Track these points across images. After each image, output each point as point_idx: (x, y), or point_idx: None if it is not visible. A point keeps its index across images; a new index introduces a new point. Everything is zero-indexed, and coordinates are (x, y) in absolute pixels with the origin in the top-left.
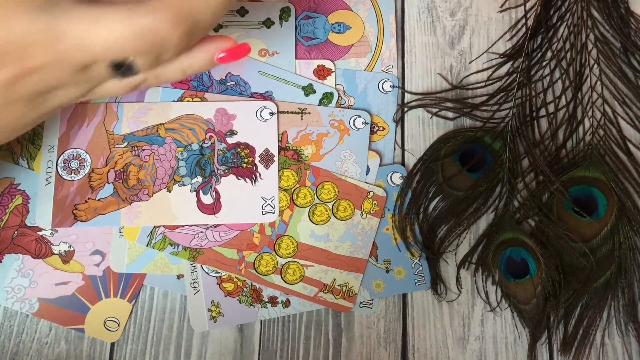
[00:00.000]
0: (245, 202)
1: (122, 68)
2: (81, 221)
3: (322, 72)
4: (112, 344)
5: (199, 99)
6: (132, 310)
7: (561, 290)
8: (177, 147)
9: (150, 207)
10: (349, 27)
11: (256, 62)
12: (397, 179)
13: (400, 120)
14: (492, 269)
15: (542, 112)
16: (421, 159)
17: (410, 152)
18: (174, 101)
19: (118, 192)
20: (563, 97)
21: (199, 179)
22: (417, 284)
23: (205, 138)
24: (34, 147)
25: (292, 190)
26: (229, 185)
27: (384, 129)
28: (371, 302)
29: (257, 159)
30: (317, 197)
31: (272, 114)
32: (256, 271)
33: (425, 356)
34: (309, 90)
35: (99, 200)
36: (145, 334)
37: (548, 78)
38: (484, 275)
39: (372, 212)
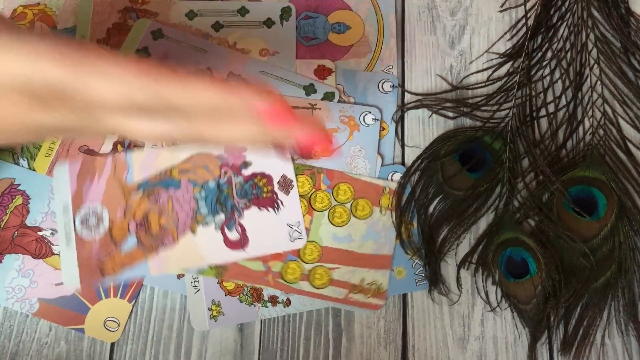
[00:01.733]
0: (272, 231)
1: None
2: (109, 276)
3: (322, 72)
4: (112, 344)
5: None
6: (132, 310)
7: (561, 290)
8: (194, 187)
9: (177, 252)
10: (349, 27)
11: (258, 62)
12: (398, 179)
13: (400, 120)
14: (492, 269)
15: (542, 112)
16: (420, 157)
17: (415, 146)
18: None
19: (142, 242)
20: (563, 97)
21: (222, 216)
22: (417, 284)
23: (221, 174)
24: (34, 147)
25: (309, 195)
26: (253, 218)
27: (384, 129)
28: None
29: (276, 186)
30: (335, 199)
31: None
32: (284, 280)
33: (425, 356)
34: (310, 90)
35: (124, 254)
36: (145, 334)
37: (548, 78)
38: (484, 275)
39: (390, 207)
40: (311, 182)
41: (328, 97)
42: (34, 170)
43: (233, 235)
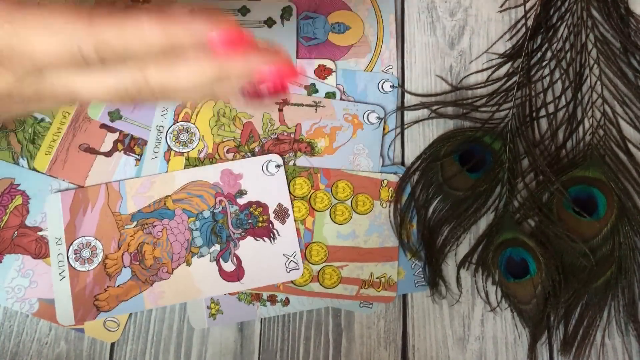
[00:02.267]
0: (268, 262)
1: None
2: (104, 311)
3: (322, 72)
4: (112, 344)
5: None
6: None
7: (561, 290)
8: (189, 218)
9: (172, 285)
10: (349, 27)
11: None
12: (398, 178)
13: (400, 121)
14: (492, 269)
15: (542, 112)
16: (420, 157)
17: (415, 147)
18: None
19: (137, 275)
20: (563, 97)
21: (217, 247)
22: (416, 285)
23: (216, 203)
24: (34, 147)
25: (308, 196)
26: (248, 248)
27: (383, 129)
28: (371, 302)
29: (272, 215)
30: (334, 198)
31: (278, 166)
32: (294, 284)
33: (425, 356)
34: (311, 89)
35: (118, 286)
36: (145, 334)
37: (548, 78)
38: (484, 276)
39: (390, 199)
40: (309, 183)
41: (329, 97)
42: (34, 169)
43: (228, 266)
